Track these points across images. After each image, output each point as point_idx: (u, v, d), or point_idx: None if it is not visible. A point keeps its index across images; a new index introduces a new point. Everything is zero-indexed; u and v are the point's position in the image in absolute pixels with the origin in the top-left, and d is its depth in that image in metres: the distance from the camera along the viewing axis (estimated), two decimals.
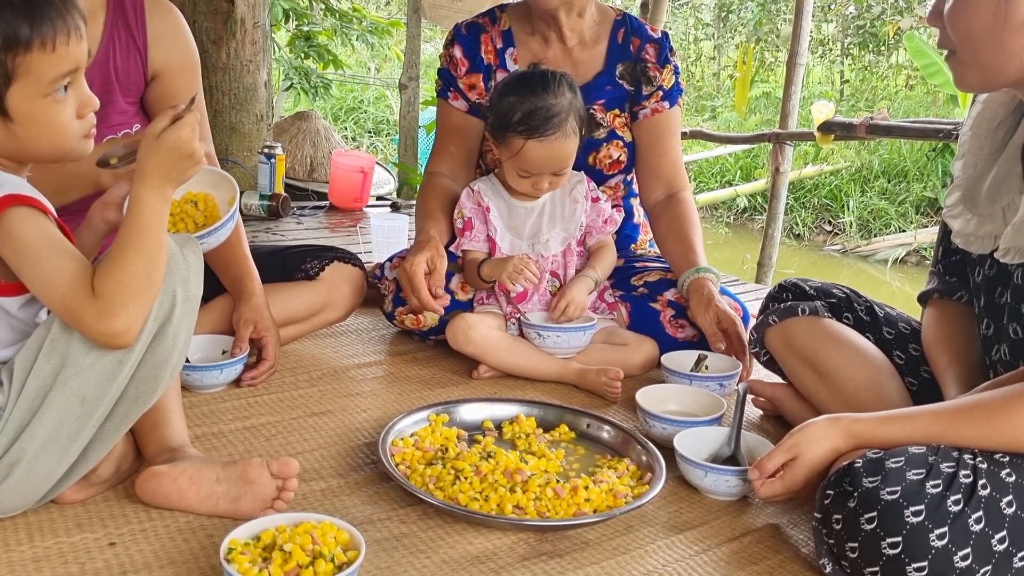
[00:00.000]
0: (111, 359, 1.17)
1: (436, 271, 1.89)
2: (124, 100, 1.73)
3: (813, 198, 8.20)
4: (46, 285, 1.13)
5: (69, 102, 1.17)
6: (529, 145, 1.85)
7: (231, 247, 1.82)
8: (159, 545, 1.21)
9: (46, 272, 1.13)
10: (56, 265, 1.13)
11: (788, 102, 4.46)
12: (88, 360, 1.17)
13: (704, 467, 1.45)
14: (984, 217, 1.41)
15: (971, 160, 1.49)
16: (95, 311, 1.12)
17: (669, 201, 2.14)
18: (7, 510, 1.22)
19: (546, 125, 1.84)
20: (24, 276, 1.14)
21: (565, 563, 1.25)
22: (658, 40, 2.14)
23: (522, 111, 1.85)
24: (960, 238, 1.47)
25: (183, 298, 1.23)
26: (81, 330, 1.14)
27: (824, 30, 11.42)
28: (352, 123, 10.57)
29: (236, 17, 3.88)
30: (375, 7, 11.81)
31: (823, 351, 1.65)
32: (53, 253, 1.13)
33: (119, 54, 1.70)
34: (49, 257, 1.13)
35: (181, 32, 1.79)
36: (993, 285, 1.41)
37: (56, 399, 1.16)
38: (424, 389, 1.86)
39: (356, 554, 1.12)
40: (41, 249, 1.13)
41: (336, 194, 4.10)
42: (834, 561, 1.23)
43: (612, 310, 2.06)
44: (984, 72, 1.30)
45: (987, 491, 1.17)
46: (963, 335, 1.55)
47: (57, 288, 1.12)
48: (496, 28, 2.16)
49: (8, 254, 1.13)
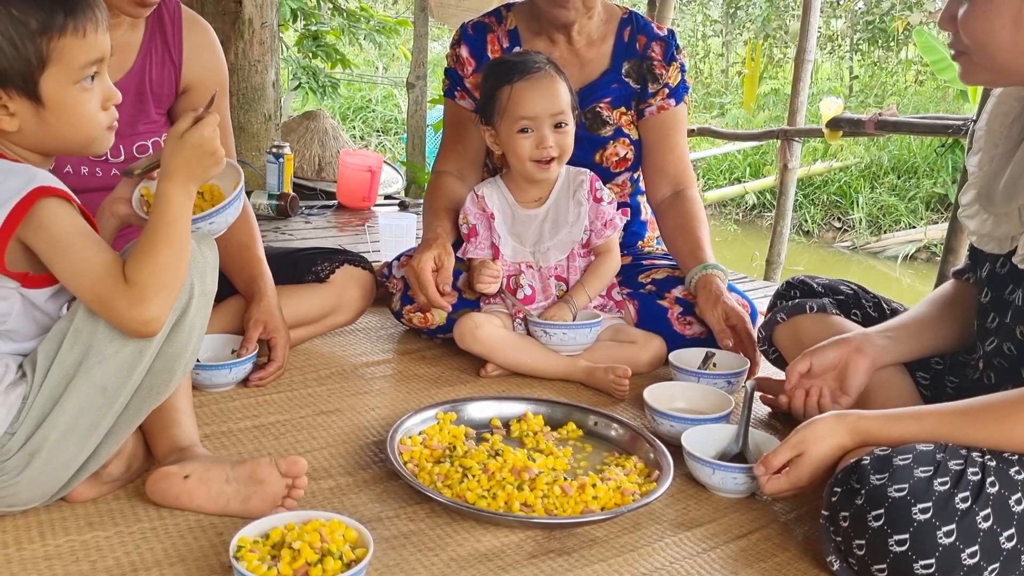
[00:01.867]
0: (132, 349, 1.20)
1: (444, 269, 1.90)
2: (155, 110, 1.79)
3: (822, 195, 8.18)
4: (78, 274, 1.16)
5: (95, 92, 1.21)
6: (516, 88, 1.87)
7: (246, 249, 1.85)
8: (169, 543, 1.22)
9: (78, 261, 1.16)
10: (88, 254, 1.16)
11: (796, 98, 4.45)
12: (111, 349, 1.19)
13: (712, 464, 1.45)
14: (1000, 217, 1.39)
15: (986, 156, 1.47)
16: (128, 298, 1.15)
17: (676, 198, 2.13)
18: (24, 502, 1.23)
19: (528, 66, 1.88)
20: (56, 266, 1.16)
21: (573, 560, 1.26)
22: (664, 38, 2.14)
23: (500, 70, 1.91)
24: (976, 238, 1.45)
25: (199, 292, 1.26)
26: (112, 318, 1.17)
27: (833, 26, 11.38)
28: (360, 122, 10.59)
29: (244, 17, 3.90)
30: (383, 6, 11.82)
31: None
32: (84, 243, 1.16)
33: (155, 65, 1.76)
34: (81, 247, 1.16)
35: (215, 49, 1.87)
36: (1004, 282, 1.40)
37: (78, 388, 1.19)
38: (432, 387, 1.87)
39: (364, 552, 1.13)
40: (72, 239, 1.16)
41: (344, 193, 4.11)
42: (841, 558, 1.22)
43: (620, 307, 2.06)
44: (999, 72, 1.30)
45: (996, 488, 1.16)
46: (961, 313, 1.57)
47: (90, 276, 1.16)
48: (502, 28, 2.16)
49: (40, 245, 1.15)
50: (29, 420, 1.18)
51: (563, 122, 1.89)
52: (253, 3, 3.91)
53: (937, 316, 1.60)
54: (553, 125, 1.88)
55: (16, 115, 1.16)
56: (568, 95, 1.90)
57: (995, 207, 1.40)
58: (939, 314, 1.60)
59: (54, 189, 1.16)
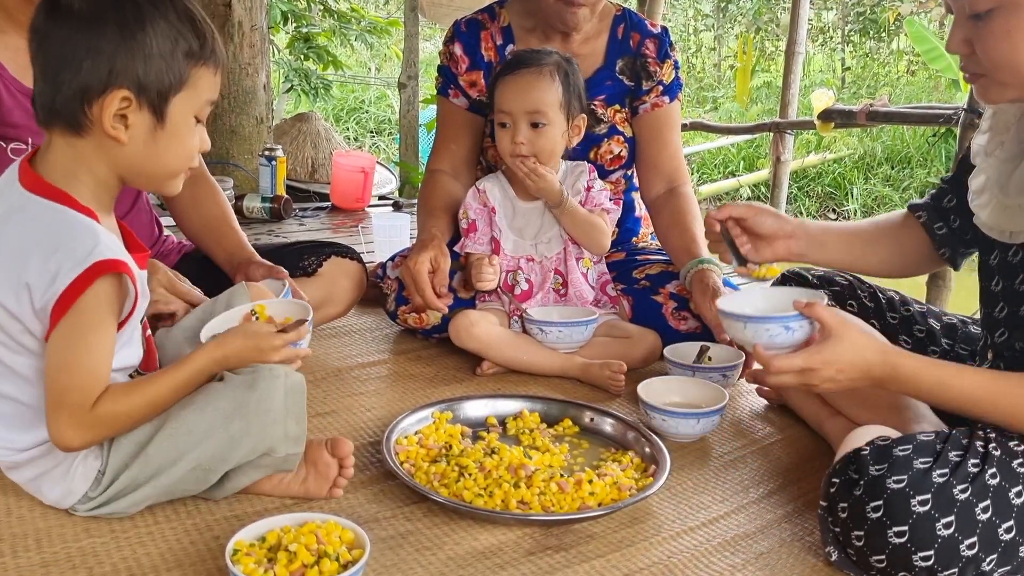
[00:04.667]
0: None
1: (439, 270, 1.89)
2: None
3: (817, 187, 8.18)
4: (63, 364, 1.12)
5: (198, 133, 1.22)
6: (501, 81, 1.91)
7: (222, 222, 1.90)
8: (166, 547, 1.21)
9: (75, 355, 1.12)
10: (86, 358, 1.12)
11: (788, 91, 4.46)
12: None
13: (748, 319, 1.35)
14: (1013, 209, 1.35)
15: (995, 139, 1.43)
16: (77, 421, 1.12)
17: (670, 195, 2.13)
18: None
19: (522, 63, 1.90)
20: (54, 342, 1.12)
21: (570, 557, 1.25)
22: (658, 35, 2.14)
23: (504, 64, 1.95)
24: (986, 229, 1.42)
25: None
26: (49, 419, 1.13)
27: (824, 18, 11.38)
28: (354, 123, 10.56)
29: (233, 20, 3.88)
30: (374, 7, 11.80)
31: None
32: (93, 349, 1.13)
33: None
34: (86, 345, 1.12)
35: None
36: (1016, 271, 1.37)
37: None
38: (428, 387, 1.87)
39: (361, 553, 1.12)
40: (88, 335, 1.12)
41: (338, 195, 4.11)
42: (840, 549, 1.22)
43: (614, 303, 2.06)
44: (1020, 90, 1.26)
45: (996, 480, 1.16)
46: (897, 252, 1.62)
47: (69, 377, 1.12)
48: (496, 24, 2.16)
49: (66, 321, 1.10)
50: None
51: (540, 122, 1.89)
52: (242, 6, 3.90)
53: (874, 237, 1.64)
54: (530, 123, 1.89)
55: (131, 128, 1.14)
56: (557, 95, 1.89)
57: (1010, 198, 1.36)
58: (877, 236, 1.64)
59: (113, 263, 1.11)
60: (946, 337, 1.65)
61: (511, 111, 1.89)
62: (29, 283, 1.11)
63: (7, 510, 1.28)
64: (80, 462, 1.21)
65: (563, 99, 1.90)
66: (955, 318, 1.70)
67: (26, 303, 1.12)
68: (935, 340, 1.65)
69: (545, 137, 1.91)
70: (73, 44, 1.09)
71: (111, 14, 1.10)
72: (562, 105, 1.90)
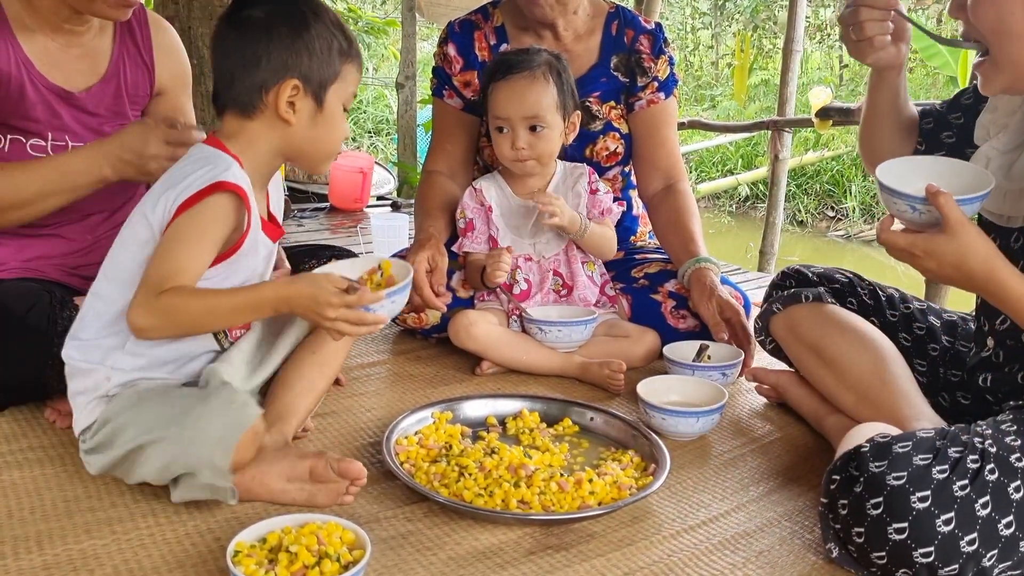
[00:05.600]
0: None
1: (438, 269, 1.89)
2: (132, 111, 1.80)
3: (815, 184, 8.19)
4: (161, 252, 1.27)
5: (345, 121, 1.41)
6: (495, 87, 1.90)
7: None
8: (167, 549, 1.21)
9: (174, 248, 1.27)
10: (183, 252, 1.27)
11: (785, 89, 4.46)
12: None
13: (883, 187, 1.29)
14: (1014, 194, 1.35)
15: (1000, 119, 1.43)
16: (144, 300, 1.25)
17: (667, 192, 2.13)
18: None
19: (512, 67, 1.89)
20: (164, 235, 1.28)
21: (571, 556, 1.26)
22: (652, 31, 2.14)
23: (493, 67, 1.94)
24: (986, 213, 1.41)
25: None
26: (132, 297, 1.27)
27: (822, 15, 11.37)
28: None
29: None
30: (371, 7, 11.79)
31: (827, 337, 1.64)
32: (188, 248, 1.27)
33: (129, 68, 1.77)
34: (188, 242, 1.27)
35: (181, 49, 1.89)
36: (1016, 258, 1.34)
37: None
38: (427, 387, 1.87)
39: (362, 553, 1.13)
40: (192, 235, 1.27)
41: (336, 195, 4.11)
42: (841, 546, 1.23)
43: (613, 302, 2.06)
44: (1015, 71, 1.26)
45: (995, 476, 1.16)
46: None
47: (166, 265, 1.26)
48: (489, 24, 2.16)
49: (179, 218, 1.26)
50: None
51: (538, 125, 1.89)
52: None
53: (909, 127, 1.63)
54: (528, 127, 1.89)
55: (298, 112, 1.34)
56: (553, 97, 1.89)
57: (1013, 182, 1.36)
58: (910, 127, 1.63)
59: (231, 185, 1.28)
60: (946, 334, 1.65)
61: (508, 117, 1.89)
62: (168, 194, 1.29)
63: (8, 512, 1.28)
64: (96, 402, 1.33)
65: (559, 100, 1.90)
66: (955, 315, 1.70)
67: (160, 210, 1.29)
68: (935, 337, 1.65)
69: (545, 140, 1.91)
70: (254, 44, 1.32)
71: (283, 21, 1.33)
72: (558, 106, 1.90)
